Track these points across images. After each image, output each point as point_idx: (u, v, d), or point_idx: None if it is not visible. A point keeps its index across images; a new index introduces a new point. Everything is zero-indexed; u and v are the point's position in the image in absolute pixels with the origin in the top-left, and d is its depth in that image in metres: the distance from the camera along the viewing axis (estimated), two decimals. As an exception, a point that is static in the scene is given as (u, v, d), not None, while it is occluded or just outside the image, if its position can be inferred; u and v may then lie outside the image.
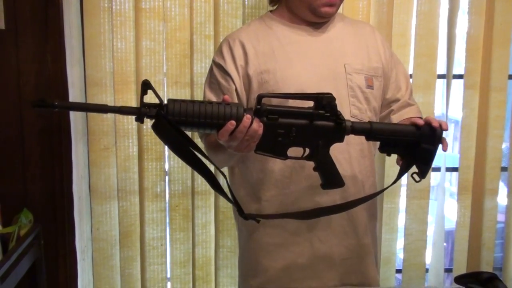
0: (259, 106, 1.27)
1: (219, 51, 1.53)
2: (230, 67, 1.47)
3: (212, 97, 1.48)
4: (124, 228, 2.16)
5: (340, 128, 1.33)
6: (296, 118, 1.31)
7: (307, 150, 1.34)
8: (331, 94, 1.31)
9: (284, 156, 1.32)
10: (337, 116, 1.32)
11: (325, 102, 1.31)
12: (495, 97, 2.23)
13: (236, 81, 1.47)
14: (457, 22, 2.20)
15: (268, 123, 1.28)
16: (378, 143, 1.42)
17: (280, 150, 1.32)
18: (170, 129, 1.20)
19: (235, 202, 1.37)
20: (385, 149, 1.40)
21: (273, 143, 1.30)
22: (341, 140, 1.35)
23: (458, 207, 2.33)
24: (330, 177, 1.36)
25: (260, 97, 1.28)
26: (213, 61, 1.52)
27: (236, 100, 1.47)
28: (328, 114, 1.32)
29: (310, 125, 1.31)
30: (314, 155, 1.34)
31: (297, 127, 1.31)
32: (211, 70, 1.53)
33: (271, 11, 1.59)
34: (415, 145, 1.37)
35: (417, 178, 1.40)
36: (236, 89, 1.47)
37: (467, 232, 2.33)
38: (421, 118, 1.42)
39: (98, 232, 2.14)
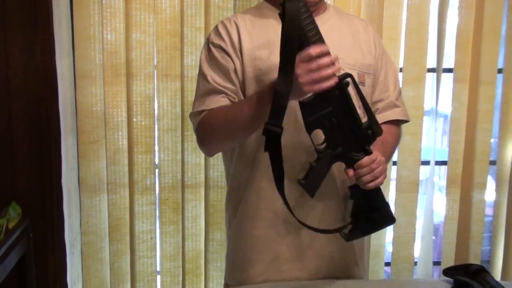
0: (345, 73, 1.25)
1: (216, 32, 1.48)
2: (229, 48, 1.46)
3: (215, 76, 1.45)
4: (113, 221, 2.15)
5: (357, 160, 1.30)
6: (349, 116, 1.28)
7: (324, 145, 1.30)
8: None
9: (309, 130, 1.28)
10: (366, 151, 1.30)
11: (376, 130, 1.29)
12: (485, 91, 2.25)
13: (235, 61, 1.45)
14: (447, 16, 2.21)
15: (336, 89, 1.24)
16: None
17: (314, 122, 1.27)
18: None
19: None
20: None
21: (317, 110, 1.26)
22: (349, 165, 1.32)
23: (446, 200, 2.34)
24: (312, 182, 1.33)
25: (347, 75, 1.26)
26: (212, 42, 1.49)
27: (235, 80, 1.45)
28: (370, 140, 1.30)
29: (350, 130, 1.29)
30: (323, 156, 1.30)
31: (340, 120, 1.28)
32: (209, 51, 1.48)
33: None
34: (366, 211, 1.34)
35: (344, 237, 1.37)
36: (235, 69, 1.45)
37: (455, 226, 2.35)
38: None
39: (87, 225, 2.13)
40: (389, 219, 1.37)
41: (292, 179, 1.39)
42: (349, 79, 1.25)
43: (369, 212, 1.35)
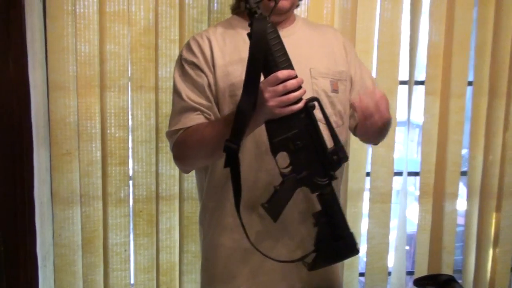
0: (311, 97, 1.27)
1: (188, 48, 1.49)
2: (202, 64, 1.46)
3: (189, 93, 1.45)
4: (86, 233, 2.13)
5: (322, 186, 1.31)
6: (315, 139, 1.28)
7: (289, 169, 1.31)
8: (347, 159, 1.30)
9: (274, 152, 1.28)
10: (331, 176, 1.30)
11: (341, 156, 1.29)
12: (455, 103, 2.29)
13: (208, 76, 1.45)
14: (419, 30, 2.25)
15: (302, 111, 1.25)
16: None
17: (279, 143, 1.27)
18: None
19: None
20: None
21: (283, 132, 1.27)
22: (313, 191, 1.33)
23: (419, 210, 2.37)
24: (275, 206, 1.32)
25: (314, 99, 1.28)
26: (184, 59, 1.49)
27: (210, 96, 1.45)
28: (336, 166, 1.30)
29: (315, 154, 1.29)
30: (287, 180, 1.30)
31: (305, 143, 1.28)
32: (182, 68, 1.49)
33: (236, 13, 1.58)
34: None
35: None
36: (209, 84, 1.46)
37: (428, 235, 2.38)
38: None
39: (60, 238, 2.11)
40: (352, 250, 1.37)
41: (250, 205, 1.41)
42: (315, 103, 1.27)
43: (333, 240, 1.34)
